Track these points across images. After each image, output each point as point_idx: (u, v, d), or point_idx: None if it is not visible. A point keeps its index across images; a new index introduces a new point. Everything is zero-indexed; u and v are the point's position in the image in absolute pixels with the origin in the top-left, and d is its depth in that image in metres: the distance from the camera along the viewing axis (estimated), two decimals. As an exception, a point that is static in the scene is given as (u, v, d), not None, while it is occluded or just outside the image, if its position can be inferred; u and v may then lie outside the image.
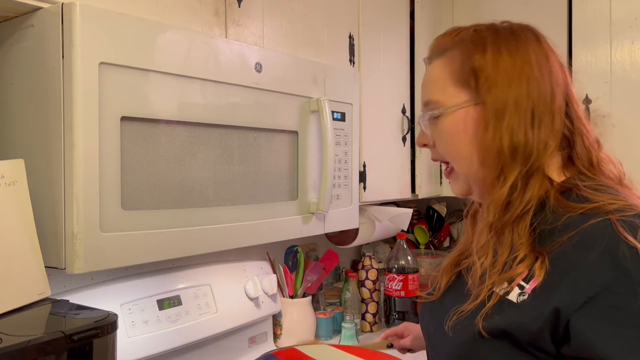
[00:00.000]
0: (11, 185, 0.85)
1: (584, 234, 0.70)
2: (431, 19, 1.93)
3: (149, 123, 0.96)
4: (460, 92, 0.82)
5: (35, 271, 0.86)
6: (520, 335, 0.70)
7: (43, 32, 0.89)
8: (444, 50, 0.85)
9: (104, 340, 0.80)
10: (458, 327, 0.77)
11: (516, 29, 0.83)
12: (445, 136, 0.84)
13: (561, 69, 0.82)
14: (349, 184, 1.44)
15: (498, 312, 0.73)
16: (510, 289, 0.74)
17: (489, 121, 0.78)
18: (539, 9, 1.74)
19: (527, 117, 0.78)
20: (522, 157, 0.77)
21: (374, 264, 1.92)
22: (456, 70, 0.82)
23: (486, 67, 0.79)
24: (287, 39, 1.35)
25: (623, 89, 1.59)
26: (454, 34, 0.85)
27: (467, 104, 0.81)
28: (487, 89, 0.79)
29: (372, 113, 1.64)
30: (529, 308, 0.71)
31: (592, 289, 0.67)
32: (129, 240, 0.92)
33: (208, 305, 1.39)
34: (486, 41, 0.81)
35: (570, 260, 0.70)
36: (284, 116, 1.23)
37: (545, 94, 0.79)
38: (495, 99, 0.78)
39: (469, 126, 0.81)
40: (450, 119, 0.83)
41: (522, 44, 0.81)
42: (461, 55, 0.82)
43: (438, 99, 0.84)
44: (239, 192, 1.13)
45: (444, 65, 0.84)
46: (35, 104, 0.91)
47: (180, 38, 1.00)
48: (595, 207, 0.72)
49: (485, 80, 0.79)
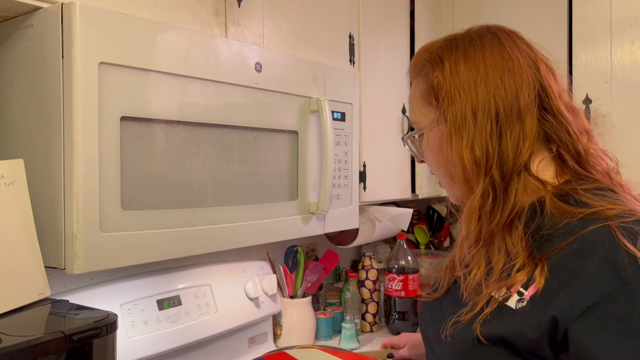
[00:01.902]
0: (11, 185, 0.85)
1: (584, 241, 0.70)
2: (431, 19, 1.93)
3: (148, 123, 0.96)
4: (429, 111, 0.84)
5: (35, 271, 0.86)
6: (519, 343, 0.70)
7: (43, 32, 0.89)
8: (420, 70, 0.87)
9: (103, 341, 0.80)
10: (456, 334, 0.76)
11: (474, 36, 0.83)
12: (426, 154, 0.89)
13: (531, 64, 0.80)
14: (349, 184, 1.44)
15: (497, 318, 0.72)
16: (509, 294, 0.73)
17: (451, 137, 0.80)
18: (539, 9, 1.74)
19: (487, 126, 0.77)
20: (486, 168, 0.77)
21: (374, 264, 1.92)
22: (424, 90, 0.85)
23: (444, 83, 0.80)
24: (287, 38, 1.35)
25: (623, 89, 1.59)
26: (426, 51, 0.87)
27: (436, 122, 0.83)
28: (446, 105, 0.80)
29: (372, 113, 1.64)
30: (528, 316, 0.70)
31: (592, 298, 0.66)
32: (128, 240, 0.92)
33: (208, 306, 1.39)
34: (444, 56, 0.82)
35: (569, 268, 0.69)
36: (284, 116, 1.23)
37: (507, 96, 0.77)
38: (453, 113, 0.79)
39: (439, 143, 0.83)
40: (426, 137, 0.86)
41: (478, 50, 0.80)
42: (425, 75, 0.84)
43: (416, 119, 0.88)
44: (239, 192, 1.13)
45: (417, 86, 0.87)
46: (35, 104, 0.91)
47: (180, 38, 1.00)
48: (595, 212, 0.71)
49: (444, 95, 0.80)
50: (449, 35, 0.86)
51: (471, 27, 0.86)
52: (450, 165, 0.82)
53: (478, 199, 0.77)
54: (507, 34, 0.82)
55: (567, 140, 0.79)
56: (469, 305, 0.76)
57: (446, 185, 0.88)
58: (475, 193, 0.77)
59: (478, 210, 0.77)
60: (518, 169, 0.77)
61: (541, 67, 0.81)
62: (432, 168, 0.90)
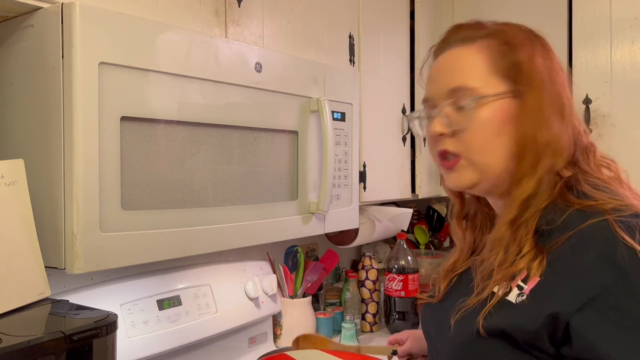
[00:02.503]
0: (11, 185, 0.85)
1: (582, 235, 0.71)
2: (431, 19, 1.93)
3: (148, 123, 0.96)
4: (500, 82, 0.80)
5: (35, 271, 0.86)
6: (519, 335, 0.71)
7: (43, 32, 0.89)
8: (473, 39, 0.83)
9: (103, 341, 0.80)
10: (461, 322, 0.78)
11: (539, 34, 0.85)
12: (479, 125, 0.80)
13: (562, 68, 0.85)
14: (349, 184, 1.44)
15: (498, 312, 0.74)
16: (510, 289, 0.74)
17: (529, 114, 0.78)
18: (539, 9, 1.74)
19: (559, 114, 0.80)
20: (552, 152, 0.78)
21: (374, 264, 1.92)
22: (496, 60, 0.81)
23: (528, 63, 0.80)
24: (287, 38, 1.35)
25: (623, 89, 1.59)
26: (479, 25, 0.85)
27: (507, 95, 0.80)
28: (529, 84, 0.79)
29: (372, 113, 1.64)
30: (527, 309, 0.71)
31: (592, 290, 0.67)
32: (128, 240, 0.92)
33: (208, 306, 1.39)
34: (521, 35, 0.83)
35: (568, 262, 0.70)
36: (284, 116, 1.23)
37: (566, 96, 0.82)
38: (536, 93, 0.79)
39: (507, 117, 0.80)
40: (490, 108, 0.80)
41: (547, 48, 0.84)
42: (499, 44, 0.81)
43: (476, 86, 0.80)
44: (239, 192, 1.13)
45: (478, 52, 0.82)
46: (35, 104, 0.91)
47: (180, 38, 1.00)
48: (593, 205, 0.73)
49: (528, 75, 0.79)
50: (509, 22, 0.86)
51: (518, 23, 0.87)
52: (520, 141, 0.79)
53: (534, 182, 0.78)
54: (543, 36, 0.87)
55: (580, 139, 0.83)
56: (477, 288, 0.78)
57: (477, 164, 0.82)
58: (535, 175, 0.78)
59: (532, 192, 0.78)
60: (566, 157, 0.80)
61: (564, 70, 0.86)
62: (473, 141, 0.81)
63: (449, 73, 0.84)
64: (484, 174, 0.82)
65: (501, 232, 0.79)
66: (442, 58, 0.86)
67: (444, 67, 0.85)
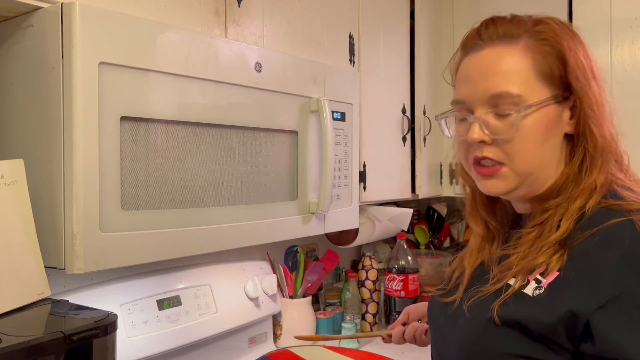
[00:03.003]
0: (11, 185, 0.85)
1: (606, 233, 0.70)
2: (431, 19, 1.93)
3: (148, 123, 0.96)
4: (544, 88, 0.77)
5: (35, 271, 0.86)
6: (534, 327, 0.70)
7: (43, 32, 0.89)
8: (516, 37, 0.78)
9: (103, 341, 0.80)
10: (474, 308, 0.77)
11: (570, 27, 0.83)
12: (524, 135, 0.76)
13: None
14: (349, 184, 1.44)
15: (513, 302, 0.73)
16: (527, 282, 0.74)
17: (588, 118, 0.77)
18: (539, 9, 1.73)
19: (609, 116, 0.80)
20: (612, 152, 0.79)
21: (374, 264, 1.92)
22: (541, 63, 0.77)
23: (576, 64, 0.77)
24: (287, 38, 1.35)
25: (623, 89, 1.59)
26: (516, 21, 0.81)
27: (551, 102, 0.77)
28: (579, 86, 0.77)
29: (372, 113, 1.64)
30: (545, 302, 0.71)
31: (615, 289, 0.67)
32: (128, 240, 0.92)
33: (208, 306, 1.39)
34: (563, 35, 0.79)
35: (590, 259, 0.70)
36: (284, 116, 1.23)
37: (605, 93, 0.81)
38: (589, 96, 0.77)
39: (551, 124, 0.77)
40: (535, 116, 0.76)
41: (584, 45, 0.82)
42: (543, 47, 0.77)
43: (520, 93, 0.76)
44: (239, 192, 1.13)
45: (523, 54, 0.77)
46: (35, 104, 0.91)
47: (180, 38, 1.00)
48: (618, 204, 0.73)
49: (577, 77, 0.77)
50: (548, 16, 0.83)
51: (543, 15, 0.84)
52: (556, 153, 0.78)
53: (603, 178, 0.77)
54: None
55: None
56: (494, 279, 0.78)
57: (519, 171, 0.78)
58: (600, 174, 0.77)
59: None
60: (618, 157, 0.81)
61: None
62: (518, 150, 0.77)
63: (490, 76, 0.78)
64: (524, 181, 0.79)
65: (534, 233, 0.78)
66: (480, 57, 0.80)
67: (483, 68, 0.79)
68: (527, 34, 0.78)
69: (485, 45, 0.80)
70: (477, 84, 0.79)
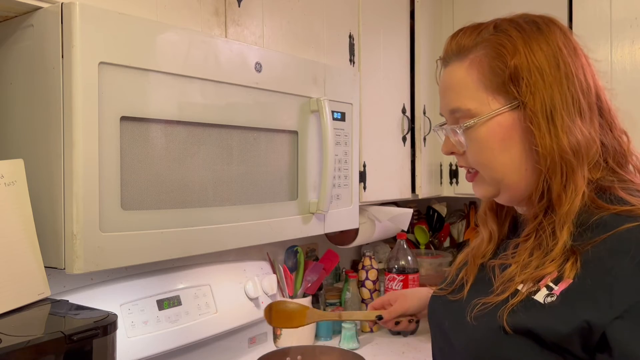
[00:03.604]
0: (11, 185, 0.85)
1: (620, 239, 0.69)
2: (431, 19, 1.93)
3: (148, 123, 0.96)
4: (495, 98, 0.77)
5: (35, 271, 0.86)
6: (548, 336, 0.69)
7: (43, 32, 0.89)
8: (465, 52, 0.80)
9: (103, 341, 0.80)
10: (480, 319, 0.76)
11: (541, 23, 0.79)
12: (481, 145, 0.79)
13: (587, 59, 0.80)
14: (349, 184, 1.44)
15: (524, 310, 0.72)
16: (537, 288, 0.72)
17: (540, 123, 0.74)
18: (539, 9, 1.73)
19: (577, 113, 0.75)
20: (584, 155, 0.74)
21: (374, 264, 1.92)
22: (487, 75, 0.78)
23: (522, 68, 0.75)
24: (287, 38, 1.35)
25: (623, 89, 1.59)
26: (474, 32, 0.81)
27: (505, 109, 0.77)
28: (529, 91, 0.75)
29: (372, 113, 1.64)
30: (559, 311, 0.69)
31: (632, 297, 0.65)
32: (128, 240, 0.92)
33: (208, 306, 1.39)
34: (515, 40, 0.77)
35: (605, 266, 0.68)
36: (284, 116, 1.23)
37: (583, 87, 0.76)
38: (541, 99, 0.74)
39: (513, 132, 0.77)
40: (487, 127, 0.78)
41: (551, 38, 0.77)
42: (489, 58, 0.78)
43: (470, 107, 0.79)
44: (239, 192, 1.13)
45: (469, 69, 0.79)
46: (35, 104, 0.91)
47: (180, 38, 1.00)
48: (629, 210, 0.71)
49: (525, 81, 0.75)
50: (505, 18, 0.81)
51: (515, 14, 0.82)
52: (539, 154, 0.75)
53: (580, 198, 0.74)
54: (567, 28, 0.81)
55: (611, 139, 0.79)
56: (497, 290, 0.76)
57: (492, 179, 0.81)
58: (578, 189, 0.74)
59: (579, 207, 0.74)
60: (594, 159, 0.76)
61: (589, 61, 0.81)
62: (479, 160, 0.80)
63: (447, 92, 0.83)
64: (499, 187, 0.81)
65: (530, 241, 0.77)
66: (443, 74, 0.85)
67: (443, 85, 0.84)
68: (479, 46, 0.79)
69: (447, 63, 0.84)
70: (442, 100, 0.85)
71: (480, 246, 0.90)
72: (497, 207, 0.91)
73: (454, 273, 0.91)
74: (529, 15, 0.82)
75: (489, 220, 0.90)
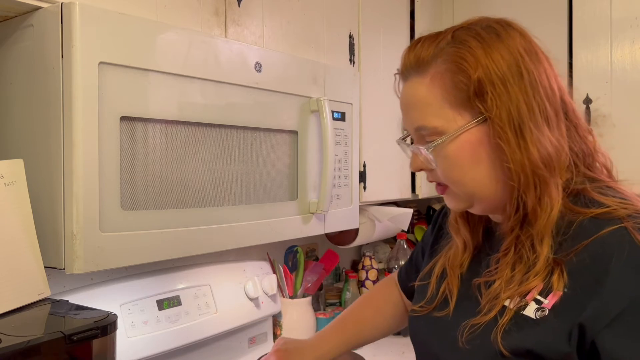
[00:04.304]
0: (10, 185, 0.85)
1: (602, 244, 0.68)
2: (431, 18, 1.93)
3: (148, 123, 0.96)
4: (460, 114, 0.74)
5: (35, 271, 0.86)
6: (550, 355, 0.68)
7: (43, 31, 0.89)
8: (425, 65, 0.76)
9: (103, 341, 0.80)
10: (473, 342, 0.74)
11: (499, 29, 0.75)
12: (450, 162, 0.76)
13: (548, 61, 0.77)
14: (349, 184, 1.44)
15: (517, 329, 0.70)
16: (525, 303, 0.71)
17: (509, 139, 0.71)
18: (539, 9, 1.73)
19: (543, 122, 0.72)
20: (556, 166, 0.72)
21: (374, 264, 1.92)
22: (450, 91, 0.74)
23: (486, 82, 0.71)
24: (287, 38, 1.35)
25: (623, 89, 1.59)
26: (432, 43, 0.77)
27: (472, 125, 0.73)
28: (494, 105, 0.71)
29: (372, 113, 1.64)
30: (554, 326, 0.68)
31: (620, 304, 0.65)
32: (128, 240, 0.92)
33: (208, 306, 1.39)
34: (475, 51, 0.73)
35: (592, 274, 0.68)
36: (284, 116, 1.23)
37: (548, 93, 0.74)
38: (507, 110, 0.71)
39: (482, 147, 0.74)
40: (455, 144, 0.74)
41: (511, 45, 0.74)
42: (451, 73, 0.74)
43: (435, 125, 0.75)
44: (239, 192, 1.13)
45: (430, 86, 0.75)
46: (34, 104, 0.91)
47: (180, 38, 1.00)
48: (607, 212, 0.70)
49: (490, 95, 0.71)
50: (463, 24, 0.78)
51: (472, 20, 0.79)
52: (511, 169, 0.72)
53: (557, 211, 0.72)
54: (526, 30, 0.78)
55: (577, 140, 0.78)
56: (484, 309, 0.75)
57: (464, 194, 0.78)
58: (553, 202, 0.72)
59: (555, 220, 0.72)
60: (564, 166, 0.74)
61: (551, 62, 0.78)
62: (450, 177, 0.78)
63: (410, 110, 0.79)
64: (472, 201, 0.79)
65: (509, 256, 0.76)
66: (404, 90, 0.80)
67: (405, 102, 0.80)
68: (439, 59, 0.75)
69: (406, 78, 0.80)
70: (406, 117, 0.81)
71: (456, 256, 0.87)
72: (468, 214, 0.87)
73: (434, 287, 0.88)
74: (487, 20, 0.78)
75: (461, 228, 0.87)
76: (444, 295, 0.85)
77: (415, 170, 0.82)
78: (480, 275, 0.80)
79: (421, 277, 0.94)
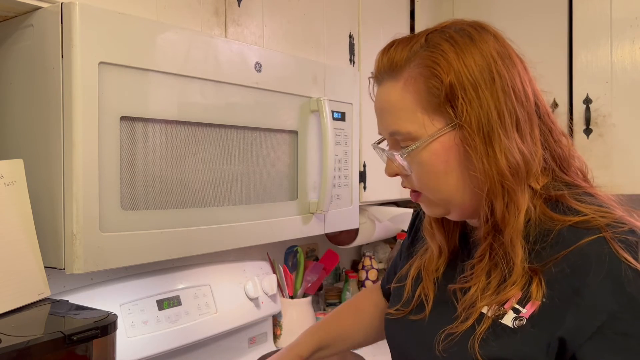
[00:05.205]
0: (10, 185, 0.85)
1: (581, 254, 0.67)
2: (431, 19, 1.93)
3: (148, 123, 0.96)
4: (434, 119, 0.73)
5: (35, 271, 0.86)
6: None
7: (43, 31, 0.89)
8: (398, 69, 0.76)
9: (103, 341, 0.80)
10: (450, 350, 0.73)
11: (473, 32, 0.74)
12: (424, 168, 0.75)
13: (522, 64, 0.76)
14: (349, 184, 1.44)
15: (495, 338, 0.69)
16: (503, 312, 0.70)
17: (477, 145, 0.70)
18: (539, 9, 1.73)
19: (514, 129, 0.71)
20: (523, 175, 0.71)
21: (374, 264, 1.92)
22: (423, 95, 0.73)
23: (457, 87, 0.70)
24: (287, 38, 1.35)
25: (624, 89, 1.59)
26: (406, 47, 0.76)
27: (445, 131, 0.72)
28: (465, 110, 0.70)
29: (372, 113, 1.63)
30: (532, 336, 0.68)
31: (599, 317, 0.64)
32: (128, 240, 0.92)
33: (208, 306, 1.39)
34: (447, 54, 0.72)
35: (570, 284, 0.67)
36: (284, 116, 1.23)
37: (520, 97, 0.72)
38: (477, 117, 0.70)
39: (454, 154, 0.73)
40: (429, 150, 0.73)
41: (484, 49, 0.72)
42: (424, 77, 0.72)
43: (409, 130, 0.74)
44: (239, 192, 1.13)
45: (404, 91, 0.74)
46: (34, 104, 0.91)
47: (179, 38, 1.00)
48: (585, 221, 0.69)
49: (461, 101, 0.70)
50: (436, 27, 0.76)
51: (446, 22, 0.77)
52: (478, 177, 0.71)
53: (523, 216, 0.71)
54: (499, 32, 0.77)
55: (552, 144, 0.77)
56: (461, 317, 0.74)
57: (439, 200, 0.77)
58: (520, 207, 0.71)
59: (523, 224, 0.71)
60: (536, 173, 0.73)
61: (525, 65, 0.77)
62: (424, 184, 0.77)
63: (384, 114, 0.78)
64: (446, 207, 0.78)
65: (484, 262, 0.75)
66: (377, 94, 0.80)
67: (379, 106, 0.79)
68: (412, 63, 0.74)
69: (380, 82, 0.79)
70: (380, 122, 0.80)
71: (431, 261, 0.86)
72: (443, 218, 0.85)
73: (409, 290, 0.87)
74: (461, 22, 0.76)
75: (436, 233, 0.86)
76: (420, 299, 0.84)
77: (391, 176, 0.81)
78: (455, 280, 0.80)
79: (397, 280, 0.93)
